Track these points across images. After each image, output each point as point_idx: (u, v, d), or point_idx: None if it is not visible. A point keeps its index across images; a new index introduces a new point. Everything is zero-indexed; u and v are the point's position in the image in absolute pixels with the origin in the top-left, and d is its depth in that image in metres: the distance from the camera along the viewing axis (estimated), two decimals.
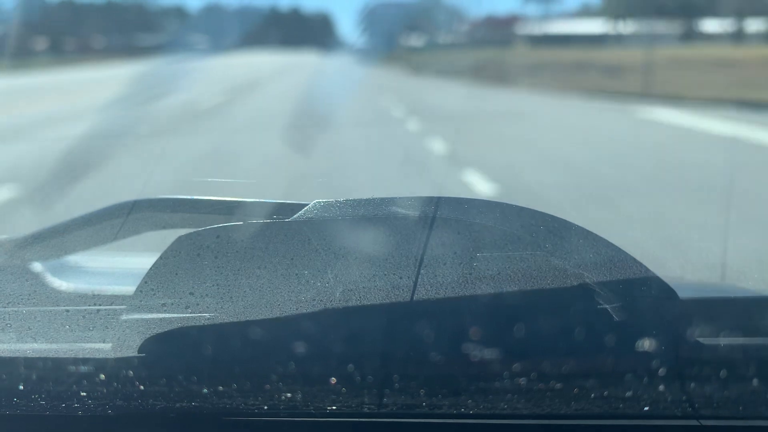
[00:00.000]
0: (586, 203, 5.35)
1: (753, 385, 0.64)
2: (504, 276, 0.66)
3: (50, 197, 5.15)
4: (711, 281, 1.43)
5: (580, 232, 0.68)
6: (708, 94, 14.17)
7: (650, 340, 0.64)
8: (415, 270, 0.66)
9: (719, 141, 8.97)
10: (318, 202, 0.71)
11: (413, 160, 7.49)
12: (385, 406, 0.66)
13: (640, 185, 6.18)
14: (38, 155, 7.74)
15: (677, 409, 0.65)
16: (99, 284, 0.81)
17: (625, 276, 0.66)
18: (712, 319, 0.67)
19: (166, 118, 11.12)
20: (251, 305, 0.66)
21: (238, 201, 0.87)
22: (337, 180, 5.97)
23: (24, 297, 0.77)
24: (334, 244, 0.67)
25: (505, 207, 0.70)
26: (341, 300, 0.66)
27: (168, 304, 0.68)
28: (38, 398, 0.68)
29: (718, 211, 4.74)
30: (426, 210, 0.68)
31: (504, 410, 0.66)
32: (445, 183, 6.16)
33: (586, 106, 13.97)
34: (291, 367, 0.65)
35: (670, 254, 3.65)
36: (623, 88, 16.82)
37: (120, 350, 0.67)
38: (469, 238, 0.67)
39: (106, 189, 5.33)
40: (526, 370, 0.64)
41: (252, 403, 0.67)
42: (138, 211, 0.88)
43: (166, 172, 6.50)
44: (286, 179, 5.78)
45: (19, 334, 0.72)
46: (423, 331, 0.65)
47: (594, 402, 0.65)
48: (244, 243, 0.68)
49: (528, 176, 6.59)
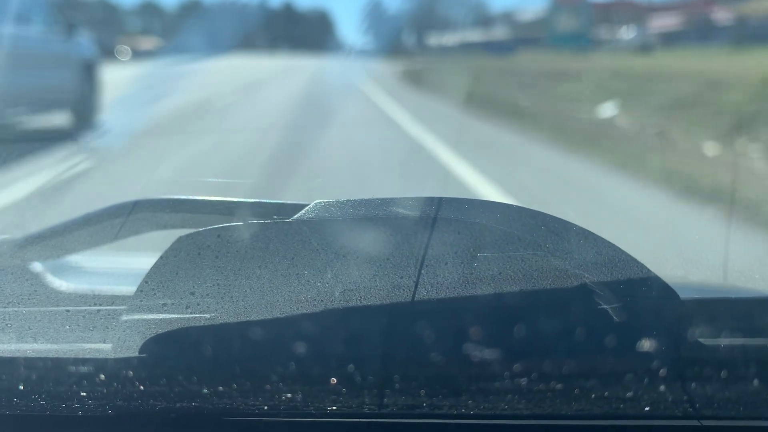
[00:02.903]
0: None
1: (754, 385, 0.64)
2: (504, 276, 0.66)
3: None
4: (712, 281, 1.43)
5: (580, 233, 0.68)
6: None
7: (651, 340, 0.64)
8: (415, 270, 0.66)
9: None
10: (318, 202, 0.71)
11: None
12: (386, 406, 0.66)
13: None
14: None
15: (678, 409, 0.65)
16: (99, 284, 0.82)
17: (625, 276, 0.66)
18: (713, 320, 0.67)
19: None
20: (252, 305, 0.66)
21: (238, 201, 0.87)
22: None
23: (24, 297, 0.78)
24: (334, 244, 0.67)
25: (505, 207, 0.70)
26: (342, 300, 0.66)
27: (168, 305, 0.68)
28: (38, 398, 0.68)
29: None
30: (427, 210, 0.68)
31: (505, 410, 0.66)
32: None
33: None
34: (291, 368, 0.65)
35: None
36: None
37: (120, 350, 0.67)
38: (469, 238, 0.67)
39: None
40: (526, 371, 0.64)
41: (252, 404, 0.67)
42: (138, 211, 0.89)
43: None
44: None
45: (19, 334, 0.72)
46: (424, 332, 0.65)
47: (595, 402, 0.65)
48: (244, 243, 0.68)
49: None
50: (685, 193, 5.14)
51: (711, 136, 7.32)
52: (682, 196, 5.07)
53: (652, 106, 10.22)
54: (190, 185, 1.06)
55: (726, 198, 4.92)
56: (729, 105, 9.41)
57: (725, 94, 10.27)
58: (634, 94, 11.80)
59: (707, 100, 9.92)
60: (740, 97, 9.82)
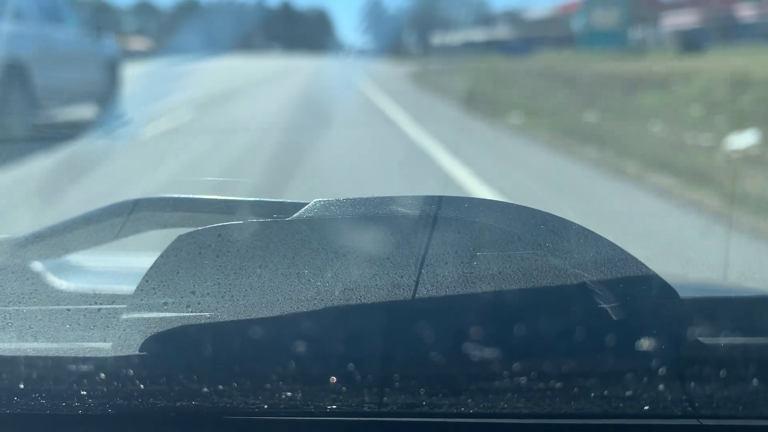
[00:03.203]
0: None
1: (753, 384, 0.64)
2: (504, 275, 0.66)
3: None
4: (712, 280, 1.43)
5: (580, 231, 0.68)
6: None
7: (650, 339, 0.64)
8: (415, 269, 0.66)
9: None
10: (318, 201, 0.71)
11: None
12: (386, 405, 0.66)
13: None
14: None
15: (677, 408, 0.65)
16: (100, 283, 0.82)
17: (625, 275, 0.66)
18: (713, 319, 0.67)
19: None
20: (252, 304, 0.67)
21: (238, 200, 0.87)
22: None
23: (25, 296, 0.78)
24: (334, 243, 0.67)
25: (505, 206, 0.70)
26: (342, 299, 0.66)
27: (169, 303, 0.68)
28: (38, 397, 0.68)
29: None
30: (427, 209, 0.68)
31: (504, 410, 0.66)
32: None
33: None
34: (291, 367, 0.65)
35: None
36: None
37: (120, 349, 0.67)
38: (469, 237, 0.67)
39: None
40: (526, 370, 0.64)
41: (252, 402, 0.67)
42: (139, 210, 0.89)
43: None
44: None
45: (20, 333, 0.72)
46: (424, 331, 0.65)
47: (594, 401, 0.65)
48: (244, 242, 0.68)
49: None
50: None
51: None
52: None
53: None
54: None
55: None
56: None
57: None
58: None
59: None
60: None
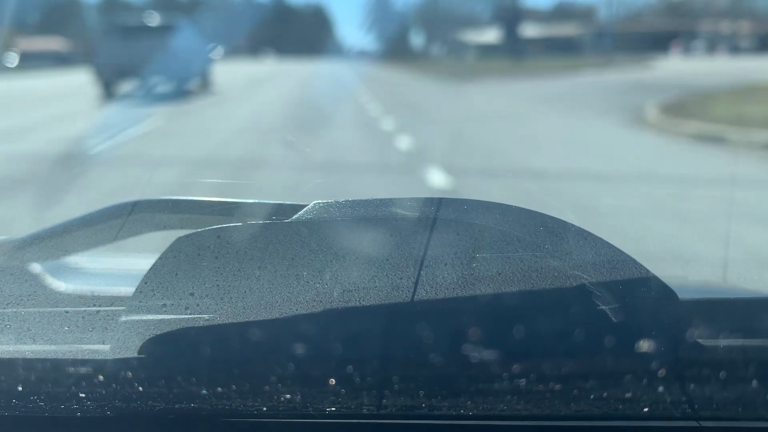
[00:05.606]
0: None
1: (753, 386, 0.64)
2: (503, 277, 0.66)
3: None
4: (711, 282, 1.43)
5: (579, 233, 0.68)
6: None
7: (650, 341, 0.64)
8: (414, 271, 0.66)
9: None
10: (317, 203, 0.71)
11: None
12: (385, 407, 0.66)
13: None
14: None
15: (677, 410, 0.65)
16: (98, 285, 0.81)
17: (624, 277, 0.66)
18: (712, 320, 0.67)
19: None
20: (251, 306, 0.66)
21: (237, 202, 0.87)
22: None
23: (23, 298, 0.77)
24: (333, 245, 0.67)
25: (504, 208, 0.70)
26: (341, 301, 0.66)
27: (167, 305, 0.67)
28: (37, 399, 0.68)
29: None
30: (426, 211, 0.68)
31: (503, 411, 0.66)
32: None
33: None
34: (290, 368, 0.65)
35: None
36: None
37: (119, 351, 0.67)
38: (468, 239, 0.67)
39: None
40: (525, 372, 0.64)
41: (251, 405, 0.67)
42: (138, 211, 0.88)
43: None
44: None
45: (18, 335, 0.72)
46: (423, 332, 0.65)
47: (593, 403, 0.65)
48: (243, 244, 0.68)
49: None
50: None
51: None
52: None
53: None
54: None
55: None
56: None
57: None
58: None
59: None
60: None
